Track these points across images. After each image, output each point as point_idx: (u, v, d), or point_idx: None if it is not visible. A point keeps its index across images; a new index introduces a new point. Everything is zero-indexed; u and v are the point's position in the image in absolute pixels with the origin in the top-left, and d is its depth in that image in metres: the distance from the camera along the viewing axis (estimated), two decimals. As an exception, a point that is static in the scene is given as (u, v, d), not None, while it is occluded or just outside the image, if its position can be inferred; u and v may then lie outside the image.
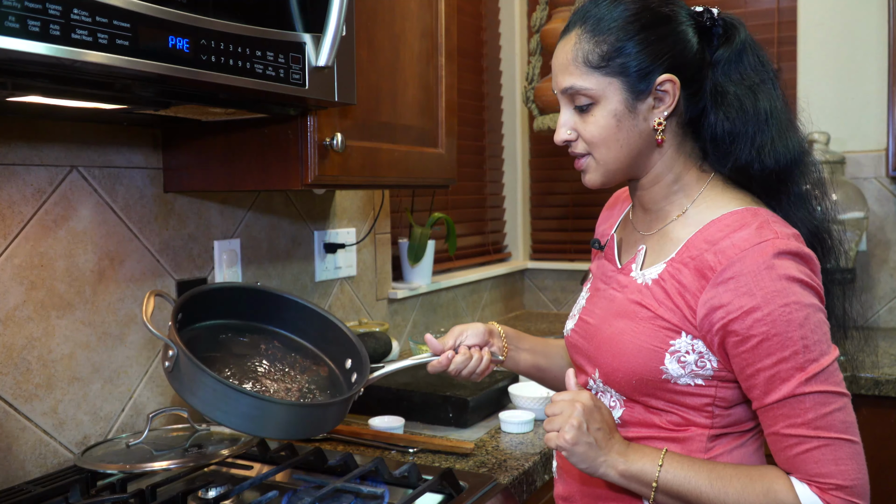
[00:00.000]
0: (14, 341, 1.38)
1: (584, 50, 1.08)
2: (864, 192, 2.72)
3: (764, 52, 1.12)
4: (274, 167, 1.50)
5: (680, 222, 1.12)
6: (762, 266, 0.99)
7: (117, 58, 0.98)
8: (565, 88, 1.11)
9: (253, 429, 1.18)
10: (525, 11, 3.37)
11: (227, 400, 1.15)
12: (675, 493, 1.04)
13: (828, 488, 0.97)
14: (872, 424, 2.22)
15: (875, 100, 2.73)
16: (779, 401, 0.99)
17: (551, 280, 3.41)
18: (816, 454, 0.98)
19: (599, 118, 1.09)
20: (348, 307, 2.27)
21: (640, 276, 1.13)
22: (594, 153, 1.12)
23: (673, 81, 1.07)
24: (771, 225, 1.03)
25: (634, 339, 1.08)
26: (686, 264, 1.06)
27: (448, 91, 1.90)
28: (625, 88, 1.08)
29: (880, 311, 2.80)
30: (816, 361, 0.98)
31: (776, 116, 1.09)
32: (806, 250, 1.02)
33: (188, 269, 1.73)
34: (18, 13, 0.87)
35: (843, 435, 0.98)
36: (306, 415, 1.22)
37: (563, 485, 1.23)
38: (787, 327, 0.98)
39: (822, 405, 0.98)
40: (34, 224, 1.41)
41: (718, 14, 1.11)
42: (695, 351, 1.05)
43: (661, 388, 1.08)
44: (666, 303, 1.07)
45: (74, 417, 1.49)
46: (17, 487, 1.34)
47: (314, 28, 1.28)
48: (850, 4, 2.77)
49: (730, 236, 1.03)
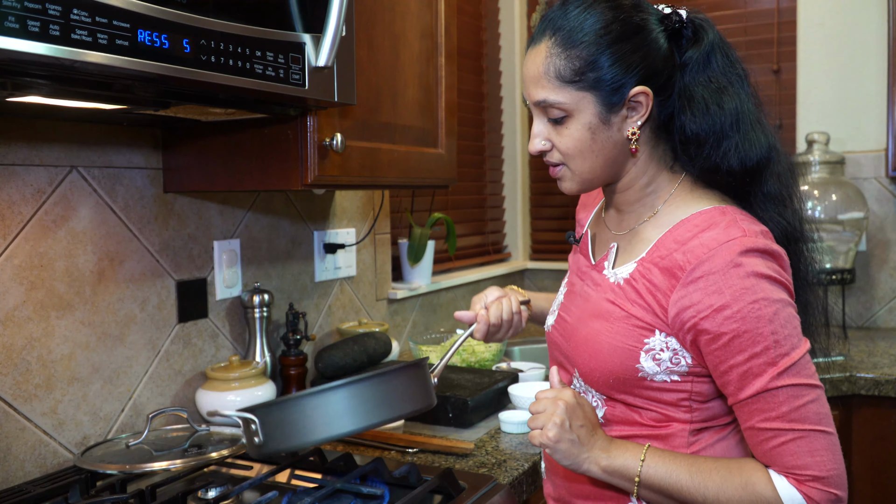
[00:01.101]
0: (14, 341, 1.39)
1: (556, 65, 1.08)
2: (864, 192, 2.73)
3: (734, 51, 1.13)
4: (274, 167, 1.50)
5: (651, 223, 1.14)
6: (730, 264, 1.00)
7: (117, 58, 0.98)
8: (538, 101, 1.11)
9: (371, 418, 1.13)
10: (525, 12, 3.38)
11: (328, 405, 1.11)
12: (658, 488, 1.05)
13: (805, 479, 0.99)
14: (872, 424, 2.23)
15: (875, 100, 2.73)
16: (752, 396, 1.01)
17: (551, 280, 3.41)
18: (792, 446, 0.99)
19: (574, 131, 1.10)
20: (348, 307, 2.28)
21: (613, 274, 1.14)
22: (569, 164, 1.14)
23: (646, 93, 1.08)
24: (738, 223, 1.04)
25: (610, 340, 1.10)
26: (656, 264, 1.07)
27: (448, 91, 1.91)
28: (598, 101, 1.08)
29: (880, 311, 2.81)
30: (787, 355, 0.99)
31: (743, 117, 1.09)
32: (774, 247, 1.03)
33: (188, 269, 1.74)
34: (18, 13, 0.87)
35: (817, 426, 1.00)
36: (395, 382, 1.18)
37: (551, 485, 1.25)
38: (756, 323, 0.99)
39: (795, 398, 0.99)
40: (34, 224, 1.42)
41: (687, 16, 1.11)
42: (669, 348, 1.06)
43: (638, 386, 1.09)
44: (638, 302, 1.08)
45: (74, 418, 1.49)
46: (16, 488, 1.34)
47: (314, 28, 1.29)
48: (850, 5, 2.78)
49: (698, 236, 1.04)
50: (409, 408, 1.17)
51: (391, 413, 1.15)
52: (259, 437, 1.11)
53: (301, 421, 1.11)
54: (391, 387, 1.16)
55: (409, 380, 1.19)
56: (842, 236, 2.58)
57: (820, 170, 2.65)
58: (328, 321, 2.19)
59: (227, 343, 1.85)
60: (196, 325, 1.76)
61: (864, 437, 2.24)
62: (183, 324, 1.73)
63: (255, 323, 1.85)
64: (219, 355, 1.82)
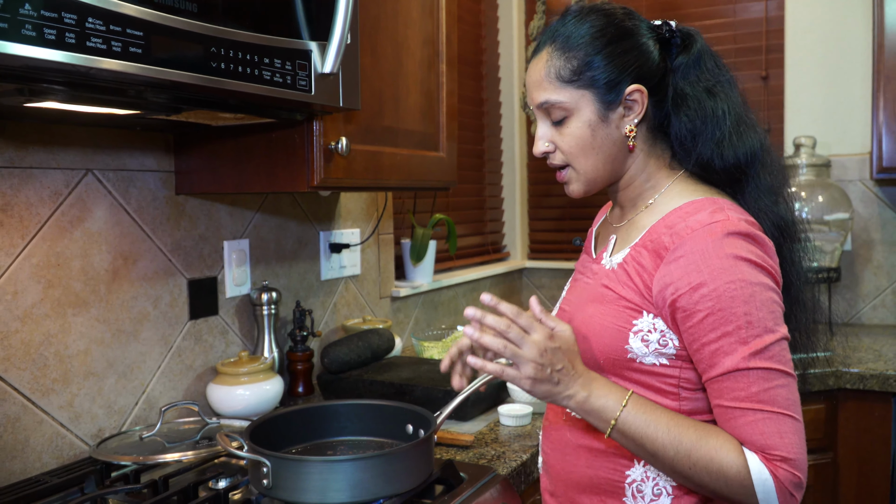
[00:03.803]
0: (32, 338, 1.41)
1: (556, 66, 1.15)
2: (849, 193, 2.76)
3: (720, 58, 1.19)
4: (281, 170, 1.52)
5: (647, 212, 1.18)
6: (710, 244, 1.03)
7: (131, 65, 1.00)
8: (541, 103, 1.17)
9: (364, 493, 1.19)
10: (523, 20, 3.40)
11: (334, 474, 1.18)
12: (632, 435, 1.05)
13: (774, 458, 0.99)
14: (858, 417, 2.27)
15: (860, 105, 2.77)
16: (723, 374, 1.02)
17: (548, 279, 3.44)
18: (761, 426, 1.00)
19: (574, 129, 1.15)
20: (352, 305, 2.30)
21: (609, 262, 1.18)
22: (573, 163, 1.18)
23: (641, 91, 1.14)
24: (725, 210, 1.07)
25: (602, 321, 1.12)
26: (646, 247, 1.11)
27: (449, 97, 1.93)
28: (596, 99, 1.14)
29: (864, 308, 2.85)
30: (759, 337, 1.00)
31: (733, 115, 1.14)
32: (758, 233, 1.06)
33: (199, 268, 1.77)
34: (35, 22, 0.88)
35: (786, 411, 1.00)
36: (401, 460, 1.24)
37: (547, 478, 1.26)
38: (731, 303, 1.01)
39: (765, 380, 1.00)
40: (51, 225, 1.44)
41: (676, 26, 1.19)
42: (656, 329, 1.08)
43: (628, 368, 1.10)
44: (628, 284, 1.11)
45: (90, 411, 1.52)
46: (34, 478, 1.37)
47: (320, 36, 1.31)
48: (836, 13, 2.81)
49: (685, 219, 1.08)
50: (409, 485, 1.24)
51: (392, 490, 1.21)
52: (268, 481, 1.19)
53: (308, 482, 1.17)
54: (398, 464, 1.22)
55: (416, 456, 1.25)
56: (828, 236, 2.61)
57: (807, 172, 2.69)
58: (333, 318, 2.21)
59: (237, 339, 1.88)
60: (207, 321, 1.79)
61: (849, 430, 2.28)
62: (194, 321, 1.75)
63: (264, 320, 1.88)
64: (228, 351, 1.85)
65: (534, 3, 3.22)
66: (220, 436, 1.25)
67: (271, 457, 1.19)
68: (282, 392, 1.78)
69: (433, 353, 2.17)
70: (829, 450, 2.30)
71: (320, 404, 1.47)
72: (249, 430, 1.30)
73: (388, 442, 1.43)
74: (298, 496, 1.18)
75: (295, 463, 1.19)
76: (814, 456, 2.24)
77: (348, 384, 1.86)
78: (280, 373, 1.93)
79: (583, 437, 1.17)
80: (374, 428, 1.46)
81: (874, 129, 2.47)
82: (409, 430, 1.41)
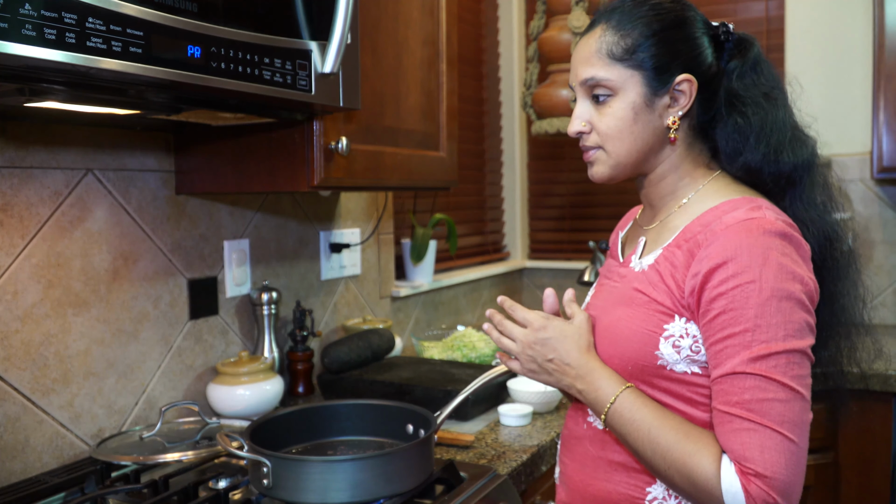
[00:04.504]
0: (32, 338, 1.42)
1: (608, 42, 1.11)
2: (850, 193, 2.76)
3: (776, 69, 1.16)
4: (281, 170, 1.52)
5: (679, 212, 1.14)
6: (745, 239, 1.00)
7: (131, 65, 1.00)
8: (586, 79, 1.12)
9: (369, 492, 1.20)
10: (523, 20, 3.41)
11: (334, 474, 1.19)
12: (618, 429, 1.06)
13: (748, 473, 0.94)
14: (858, 417, 2.26)
15: (860, 105, 2.77)
16: (722, 376, 0.99)
17: (549, 279, 3.44)
18: (744, 436, 0.95)
19: (617, 109, 1.11)
20: (353, 305, 2.31)
21: (638, 264, 1.14)
22: (606, 145, 1.13)
23: (690, 82, 1.11)
24: (763, 209, 1.04)
25: (630, 325, 1.08)
26: (680, 246, 1.08)
27: (449, 96, 1.93)
28: (644, 83, 1.10)
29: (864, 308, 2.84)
30: (765, 343, 0.96)
31: (790, 122, 1.12)
32: (795, 234, 1.03)
33: (199, 268, 1.77)
34: (35, 21, 0.88)
35: (776, 427, 0.94)
36: (404, 458, 1.25)
37: (564, 491, 1.22)
38: (743, 304, 0.97)
39: (761, 390, 0.95)
40: (51, 225, 1.45)
41: (733, 29, 1.16)
42: (689, 335, 1.04)
43: (658, 376, 1.07)
44: (659, 286, 1.07)
45: (90, 411, 1.52)
46: (34, 478, 1.37)
47: (320, 36, 1.30)
48: (837, 13, 2.81)
49: (720, 217, 1.05)
50: (409, 485, 1.24)
51: (392, 490, 1.22)
52: (268, 481, 1.19)
53: (308, 482, 1.18)
54: (398, 464, 1.23)
55: (416, 455, 1.26)
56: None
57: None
58: (334, 318, 2.22)
59: (237, 339, 1.88)
60: (207, 321, 1.79)
61: (850, 430, 2.27)
62: (194, 320, 1.76)
63: (264, 320, 1.89)
64: (229, 351, 1.85)
65: (534, 3, 3.22)
66: (220, 436, 1.25)
67: (271, 457, 1.19)
68: (282, 392, 1.79)
69: (433, 353, 2.17)
70: (830, 450, 2.30)
71: (320, 404, 1.48)
72: (250, 430, 1.30)
73: (389, 442, 1.43)
74: (298, 496, 1.18)
75: (295, 463, 1.20)
76: (814, 456, 2.24)
77: (348, 384, 1.87)
78: (280, 373, 1.94)
79: (602, 450, 1.14)
80: (375, 428, 1.46)
81: (874, 129, 2.47)
82: (409, 430, 1.41)
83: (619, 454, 1.12)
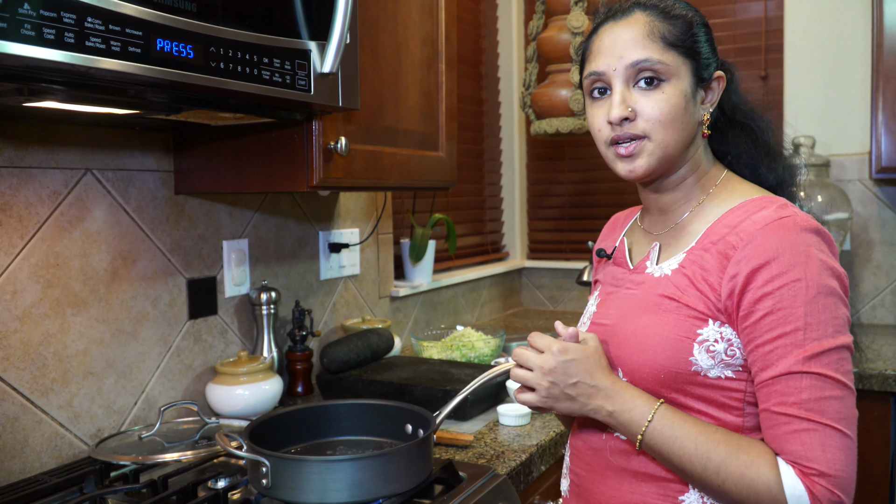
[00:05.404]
0: (31, 337, 1.42)
1: (660, 28, 1.08)
2: (849, 193, 2.77)
3: None
4: (280, 170, 1.52)
5: (695, 215, 1.13)
6: (784, 237, 0.99)
7: (130, 65, 0.99)
8: (638, 61, 1.07)
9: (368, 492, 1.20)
10: (522, 20, 3.41)
11: (334, 473, 1.18)
12: (659, 450, 1.02)
13: (811, 473, 0.93)
14: (857, 417, 2.27)
15: (859, 105, 2.77)
16: (775, 377, 0.97)
17: (547, 278, 3.45)
18: (804, 436, 0.94)
19: (671, 95, 1.07)
20: (352, 304, 2.31)
21: (657, 270, 1.12)
22: (653, 133, 1.08)
23: (722, 79, 1.12)
24: (790, 207, 1.04)
25: (660, 332, 1.05)
26: (707, 249, 1.05)
27: (448, 97, 1.93)
28: (692, 73, 1.09)
29: (863, 308, 2.85)
30: (818, 341, 0.95)
31: (775, 132, 1.18)
32: (826, 231, 1.02)
33: (198, 268, 1.77)
34: (34, 21, 0.88)
35: (835, 424, 0.94)
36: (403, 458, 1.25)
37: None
38: (792, 302, 0.96)
39: (818, 389, 0.94)
40: (50, 225, 1.45)
41: None
42: (723, 339, 1.02)
43: (691, 383, 1.04)
44: (690, 290, 1.05)
45: (89, 411, 1.52)
46: (33, 478, 1.37)
47: (319, 36, 1.30)
48: (836, 13, 2.82)
49: (750, 217, 1.03)
50: (408, 485, 1.24)
51: (391, 490, 1.21)
52: (267, 481, 1.19)
53: (307, 482, 1.18)
54: (397, 464, 1.22)
55: (415, 455, 1.25)
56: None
57: (806, 172, 2.70)
58: (333, 318, 2.22)
59: (236, 339, 1.88)
60: (206, 321, 1.79)
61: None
62: (193, 320, 1.76)
63: (263, 320, 1.89)
64: (228, 351, 1.85)
65: (533, 3, 3.23)
66: (219, 436, 1.25)
67: (271, 457, 1.19)
68: (281, 392, 1.79)
69: (432, 353, 2.17)
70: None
71: (320, 404, 1.48)
72: (249, 430, 1.30)
73: (388, 442, 1.43)
74: (298, 496, 1.18)
75: (294, 463, 1.20)
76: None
77: (348, 384, 1.87)
78: (279, 372, 1.94)
79: (626, 461, 1.10)
80: (374, 428, 1.46)
81: (873, 129, 2.47)
82: (408, 429, 1.41)
83: (646, 464, 1.08)
